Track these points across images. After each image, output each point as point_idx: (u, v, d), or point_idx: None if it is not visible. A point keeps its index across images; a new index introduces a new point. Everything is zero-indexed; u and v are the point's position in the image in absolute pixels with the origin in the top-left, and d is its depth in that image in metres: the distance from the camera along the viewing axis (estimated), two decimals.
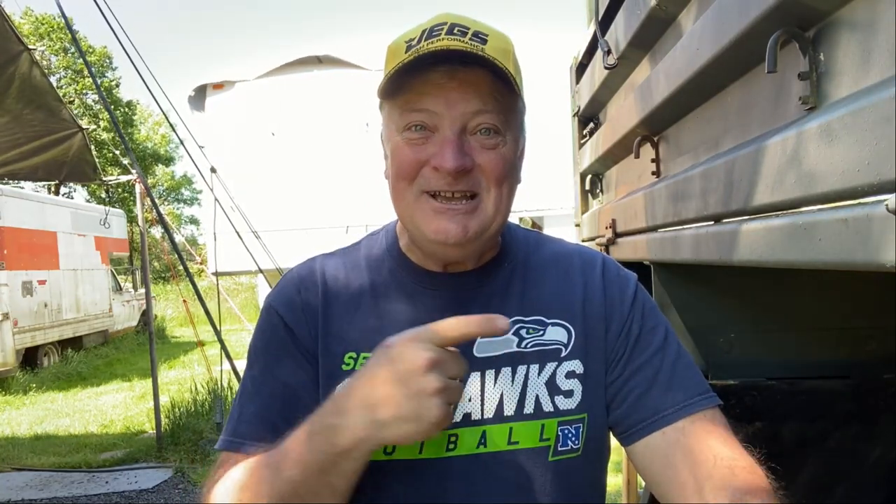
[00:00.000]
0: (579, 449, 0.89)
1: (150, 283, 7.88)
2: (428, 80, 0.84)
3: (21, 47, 4.20)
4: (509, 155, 0.89)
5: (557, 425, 0.88)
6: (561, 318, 0.93)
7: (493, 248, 0.98)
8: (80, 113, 21.80)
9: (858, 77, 0.78)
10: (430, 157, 0.86)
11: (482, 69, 0.84)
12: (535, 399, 0.89)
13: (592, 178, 3.08)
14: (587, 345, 0.92)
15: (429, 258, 0.95)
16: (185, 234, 30.14)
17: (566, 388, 0.90)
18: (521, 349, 0.91)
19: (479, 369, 0.90)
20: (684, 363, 0.93)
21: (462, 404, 0.88)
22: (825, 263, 0.81)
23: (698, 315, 1.68)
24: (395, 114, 0.89)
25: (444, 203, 0.87)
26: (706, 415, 0.88)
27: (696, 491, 0.81)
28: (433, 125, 0.86)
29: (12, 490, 5.19)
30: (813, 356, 1.66)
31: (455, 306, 0.90)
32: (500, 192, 0.88)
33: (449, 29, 0.85)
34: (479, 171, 0.86)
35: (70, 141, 5.33)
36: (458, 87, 0.84)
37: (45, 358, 11.08)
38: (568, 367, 0.91)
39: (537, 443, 0.88)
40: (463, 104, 0.85)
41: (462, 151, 0.85)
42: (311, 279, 0.98)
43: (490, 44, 0.85)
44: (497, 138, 0.87)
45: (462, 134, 0.86)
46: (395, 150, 0.89)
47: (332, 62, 11.97)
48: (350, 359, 0.92)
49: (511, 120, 0.89)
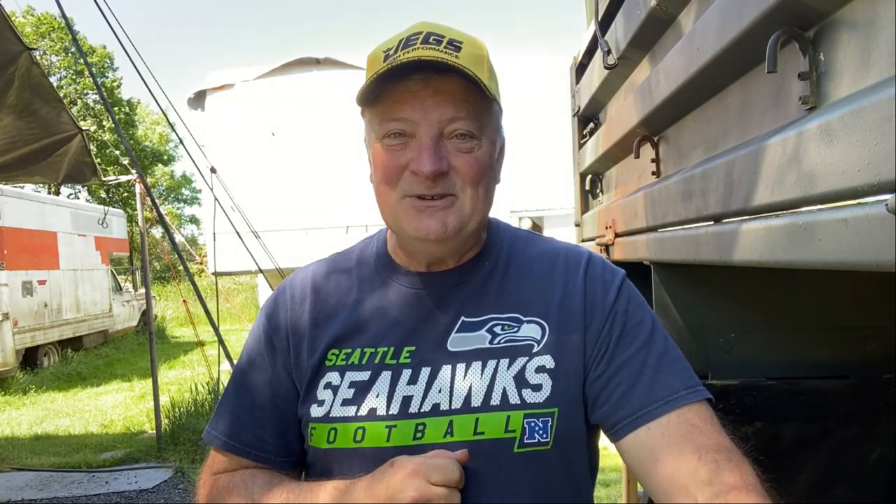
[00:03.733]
0: (548, 442, 0.90)
1: (150, 283, 7.88)
2: (404, 89, 0.90)
3: (21, 47, 4.19)
4: (485, 157, 0.94)
5: (523, 417, 0.90)
6: (537, 316, 0.96)
7: (475, 246, 1.02)
8: (81, 114, 21.83)
9: (858, 77, 0.78)
10: (409, 161, 0.91)
11: (456, 76, 0.89)
12: (503, 391, 0.91)
13: (592, 178, 3.08)
14: (560, 342, 0.94)
15: (413, 259, 1.01)
16: (185, 234, 30.17)
17: (535, 381, 0.92)
18: (493, 345, 0.94)
19: (451, 362, 0.94)
20: (671, 357, 0.93)
21: (432, 395, 0.93)
22: (825, 263, 0.80)
23: (698, 315, 1.68)
24: (375, 122, 0.95)
25: (423, 201, 0.92)
26: (693, 409, 0.88)
27: (682, 486, 0.81)
28: (411, 132, 0.91)
29: (12, 490, 5.19)
30: (813, 356, 1.66)
31: (433, 303, 0.98)
32: (476, 192, 0.93)
33: (424, 38, 0.91)
34: (455, 173, 0.92)
35: (69, 143, 5.32)
36: (433, 95, 0.90)
37: (45, 358, 11.08)
38: (538, 362, 0.93)
39: (502, 434, 0.90)
40: (438, 111, 0.90)
41: (438, 156, 0.90)
42: (302, 287, 1.06)
43: (464, 51, 0.90)
44: (472, 142, 0.92)
45: (438, 139, 0.91)
46: (377, 157, 0.95)
47: (332, 63, 11.97)
48: (332, 355, 0.99)
49: (486, 124, 0.94)
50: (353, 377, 0.96)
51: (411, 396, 0.93)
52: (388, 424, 0.92)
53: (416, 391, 0.93)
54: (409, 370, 0.94)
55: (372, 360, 0.96)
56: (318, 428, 0.96)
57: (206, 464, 1.06)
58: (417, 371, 0.94)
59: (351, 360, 0.97)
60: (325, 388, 0.96)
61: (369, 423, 0.93)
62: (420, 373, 0.94)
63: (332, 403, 0.95)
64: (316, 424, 0.96)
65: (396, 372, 0.94)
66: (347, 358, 0.97)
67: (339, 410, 0.94)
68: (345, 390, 0.95)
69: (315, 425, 0.96)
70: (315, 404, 0.96)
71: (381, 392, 0.94)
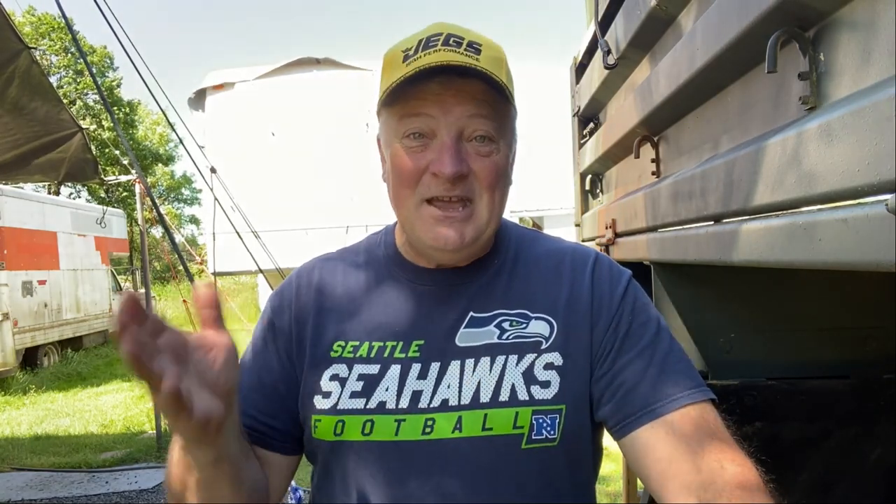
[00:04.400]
0: (556, 439, 0.90)
1: (150, 283, 7.88)
2: (426, 90, 0.89)
3: (21, 46, 4.19)
4: (502, 162, 0.94)
5: (532, 414, 0.90)
6: (545, 313, 0.96)
7: (485, 247, 1.02)
8: (80, 114, 21.83)
9: (858, 77, 0.78)
10: (429, 163, 0.90)
11: (477, 80, 0.89)
12: (511, 387, 0.91)
13: (592, 178, 3.08)
14: (569, 340, 0.94)
15: (422, 257, 1.01)
16: (185, 234, 30.15)
17: (543, 378, 0.92)
18: (502, 340, 0.94)
19: (460, 358, 0.94)
20: (676, 357, 0.93)
21: (441, 390, 0.92)
22: (825, 263, 0.80)
23: (698, 315, 1.68)
24: (394, 121, 0.93)
25: (442, 210, 0.92)
26: (697, 409, 0.88)
27: (684, 485, 0.81)
28: (431, 131, 0.91)
29: (12, 490, 5.19)
30: (813, 356, 1.66)
31: (441, 299, 0.98)
32: (493, 197, 0.93)
33: (445, 40, 0.90)
34: (473, 177, 0.91)
35: (69, 141, 5.33)
36: (455, 95, 0.89)
37: (45, 358, 11.08)
38: (547, 359, 0.93)
39: (510, 430, 0.89)
40: (459, 108, 0.89)
41: (459, 157, 0.89)
42: (309, 277, 1.06)
43: (484, 54, 0.90)
44: (491, 146, 0.92)
45: (459, 140, 0.90)
46: (395, 158, 0.94)
47: (332, 63, 11.98)
48: (339, 346, 0.98)
49: (504, 127, 0.94)
50: (362, 370, 0.95)
51: (421, 391, 0.93)
52: (397, 418, 0.92)
53: (426, 386, 0.93)
54: (418, 364, 0.94)
55: (381, 353, 0.96)
56: (323, 420, 0.95)
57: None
58: (427, 366, 0.94)
59: (359, 352, 0.97)
60: (331, 379, 0.96)
61: (378, 416, 0.92)
62: (429, 367, 0.94)
63: (340, 395, 0.94)
64: (322, 416, 0.95)
65: (406, 366, 0.94)
66: (355, 350, 0.97)
67: (347, 403, 0.94)
68: (353, 383, 0.95)
69: (320, 417, 0.95)
70: (320, 395, 0.96)
71: (390, 386, 0.93)
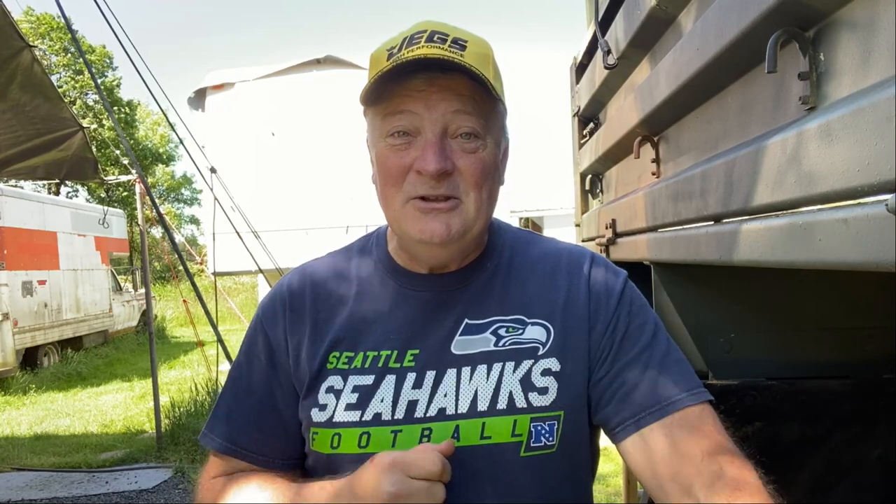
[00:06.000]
0: (554, 445, 0.90)
1: (150, 283, 7.88)
2: (409, 86, 0.88)
3: (22, 44, 4.20)
4: (489, 159, 0.92)
5: (530, 421, 0.89)
6: (541, 318, 0.95)
7: (477, 248, 1.01)
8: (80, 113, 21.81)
9: (858, 77, 0.78)
10: (414, 160, 0.89)
11: (461, 75, 0.87)
12: (509, 395, 0.90)
13: (592, 178, 3.08)
14: (566, 344, 0.93)
15: (414, 261, 0.99)
16: (185, 234, 30.16)
17: (541, 385, 0.91)
18: (498, 348, 0.93)
19: (456, 366, 0.93)
20: (673, 359, 0.93)
21: (438, 399, 0.91)
22: (825, 263, 0.80)
23: (698, 315, 1.68)
24: (378, 119, 0.92)
25: (427, 203, 0.90)
26: (695, 411, 0.88)
27: (684, 487, 0.81)
28: (415, 129, 0.89)
29: (12, 490, 5.19)
30: (813, 356, 1.66)
31: (436, 306, 0.96)
32: (480, 195, 0.91)
33: (429, 36, 0.88)
34: (458, 174, 0.90)
35: (70, 140, 5.33)
36: (438, 91, 0.88)
37: (45, 358, 11.07)
38: (544, 364, 0.92)
39: (509, 438, 0.89)
40: (443, 105, 0.88)
41: (443, 154, 0.88)
42: (300, 287, 1.03)
43: (469, 50, 0.88)
44: (477, 142, 0.90)
45: (443, 137, 0.89)
46: (380, 157, 0.92)
47: (332, 63, 11.97)
48: (334, 357, 0.97)
49: (490, 124, 0.92)
50: (357, 381, 0.94)
51: (417, 401, 0.91)
52: (393, 429, 0.91)
53: (422, 395, 0.92)
54: (413, 374, 0.93)
55: (375, 363, 0.94)
56: (320, 433, 0.94)
57: (205, 467, 1.05)
58: (422, 375, 0.93)
59: (354, 363, 0.95)
60: (326, 392, 0.95)
61: (374, 429, 0.91)
62: (425, 376, 0.93)
63: (336, 408, 0.93)
64: (318, 429, 0.94)
65: (401, 376, 0.93)
66: (350, 361, 0.95)
67: (342, 415, 0.93)
68: (348, 395, 0.93)
69: (317, 430, 0.94)
70: (317, 408, 0.95)
71: (385, 396, 0.92)
